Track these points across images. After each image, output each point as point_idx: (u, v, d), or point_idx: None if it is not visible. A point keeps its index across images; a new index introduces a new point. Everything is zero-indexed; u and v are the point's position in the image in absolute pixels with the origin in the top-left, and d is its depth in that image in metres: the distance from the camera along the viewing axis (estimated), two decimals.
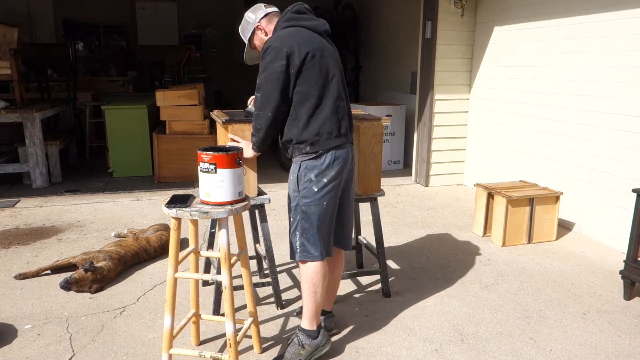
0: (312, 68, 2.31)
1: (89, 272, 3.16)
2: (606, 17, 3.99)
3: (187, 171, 5.79)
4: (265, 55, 2.31)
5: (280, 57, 2.27)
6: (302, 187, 2.34)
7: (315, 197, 2.33)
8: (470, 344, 2.65)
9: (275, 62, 2.27)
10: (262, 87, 2.32)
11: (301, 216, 2.35)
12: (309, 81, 2.31)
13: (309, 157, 2.33)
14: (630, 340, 2.70)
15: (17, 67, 5.55)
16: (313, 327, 2.43)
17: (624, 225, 3.82)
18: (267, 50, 2.30)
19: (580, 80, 4.26)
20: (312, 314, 2.41)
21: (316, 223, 2.34)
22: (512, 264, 3.70)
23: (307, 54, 2.29)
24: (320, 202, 2.33)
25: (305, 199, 2.34)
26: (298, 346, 2.41)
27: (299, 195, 2.35)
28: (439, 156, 5.88)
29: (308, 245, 2.35)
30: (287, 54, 2.27)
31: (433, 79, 5.61)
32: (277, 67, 2.27)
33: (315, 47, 2.33)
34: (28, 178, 5.68)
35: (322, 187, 2.32)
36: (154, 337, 2.67)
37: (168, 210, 2.13)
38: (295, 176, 2.37)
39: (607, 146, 4.04)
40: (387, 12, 7.92)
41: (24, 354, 2.52)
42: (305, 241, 2.35)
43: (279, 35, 2.35)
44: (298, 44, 2.29)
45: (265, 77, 2.30)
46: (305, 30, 2.39)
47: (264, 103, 2.31)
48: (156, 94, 5.82)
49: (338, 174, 2.36)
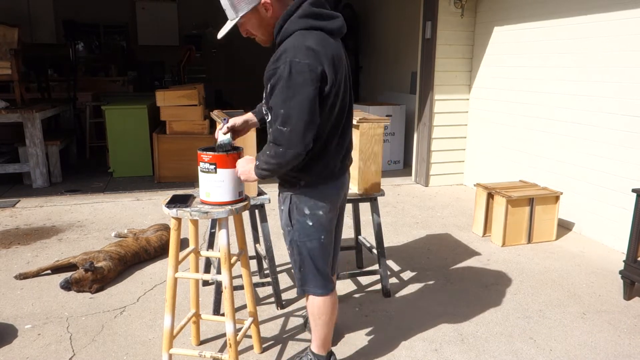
0: (335, 98, 1.93)
1: (89, 272, 3.16)
2: (606, 17, 3.99)
3: (187, 171, 5.78)
4: (293, 73, 1.80)
5: (316, 78, 1.82)
6: (295, 221, 2.09)
7: (310, 232, 2.08)
8: (470, 344, 2.65)
9: (309, 86, 1.81)
10: (293, 118, 1.82)
11: (297, 252, 2.14)
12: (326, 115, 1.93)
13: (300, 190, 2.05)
14: (630, 340, 2.70)
15: (17, 67, 5.55)
16: (323, 353, 2.31)
17: (624, 225, 3.82)
18: (294, 66, 1.80)
19: (580, 80, 4.27)
20: (321, 342, 2.28)
21: (315, 259, 2.12)
22: (512, 264, 3.70)
23: (336, 77, 1.89)
24: (317, 236, 2.09)
25: (300, 234, 2.09)
26: None
27: (292, 230, 2.11)
28: (439, 156, 5.88)
29: (309, 281, 2.17)
30: (322, 73, 1.83)
31: (433, 79, 5.61)
32: (312, 91, 1.82)
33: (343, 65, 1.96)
34: (28, 178, 5.68)
35: (317, 220, 2.07)
36: (154, 337, 2.67)
37: (168, 210, 2.13)
38: (287, 209, 2.10)
39: (607, 146, 4.04)
40: (387, 12, 7.92)
41: (24, 354, 2.52)
42: (305, 277, 2.17)
43: (306, 45, 1.83)
44: (330, 62, 1.85)
45: (299, 105, 1.81)
46: (330, 37, 1.92)
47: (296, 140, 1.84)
48: (156, 94, 5.82)
49: (334, 204, 2.12)
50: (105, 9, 10.22)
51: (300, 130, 1.83)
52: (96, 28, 10.59)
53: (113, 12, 10.34)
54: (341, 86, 1.96)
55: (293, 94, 1.81)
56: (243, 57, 10.07)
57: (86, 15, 10.15)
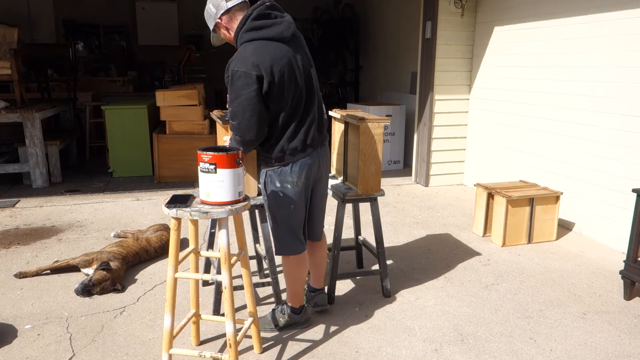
0: (280, 88, 2.30)
1: (109, 272, 3.15)
2: (606, 17, 3.99)
3: (187, 171, 5.79)
4: (234, 80, 2.25)
5: (252, 82, 2.23)
6: (269, 191, 2.50)
7: (281, 202, 2.48)
8: (470, 344, 2.65)
9: (247, 88, 2.24)
10: (239, 114, 2.28)
11: (271, 218, 2.56)
12: (277, 102, 2.33)
13: (273, 167, 2.46)
14: (630, 340, 2.70)
15: (17, 67, 5.55)
16: (295, 306, 2.74)
17: (624, 225, 3.82)
18: (234, 74, 2.24)
19: (580, 80, 4.27)
20: (293, 295, 2.72)
21: (285, 224, 2.53)
22: (512, 264, 3.70)
23: (273, 76, 2.26)
24: (287, 205, 2.49)
25: (273, 202, 2.51)
26: (280, 313, 2.74)
27: (267, 199, 2.52)
28: (439, 156, 5.88)
29: (282, 242, 2.58)
30: (257, 77, 2.24)
31: (433, 79, 5.61)
32: (250, 92, 2.25)
33: (281, 65, 2.28)
34: (28, 178, 5.68)
35: (286, 192, 2.47)
36: (154, 337, 2.67)
37: (168, 210, 2.13)
38: (262, 182, 2.52)
39: (607, 146, 4.04)
40: (387, 12, 7.92)
41: (24, 354, 2.52)
42: (279, 239, 2.58)
43: (242, 56, 2.25)
44: (264, 65, 2.24)
45: (240, 104, 2.26)
46: (269, 43, 2.29)
47: (245, 131, 2.30)
48: (156, 94, 5.82)
49: (303, 179, 2.48)
50: (105, 9, 10.22)
51: (246, 122, 2.29)
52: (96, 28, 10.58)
53: (113, 12, 10.33)
54: (285, 81, 2.30)
55: (236, 96, 2.27)
56: None
57: (86, 15, 10.14)
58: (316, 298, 2.90)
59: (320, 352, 2.56)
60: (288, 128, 2.40)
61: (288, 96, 2.34)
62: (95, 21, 10.43)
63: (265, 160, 2.49)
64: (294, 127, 2.41)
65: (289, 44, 2.35)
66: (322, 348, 2.59)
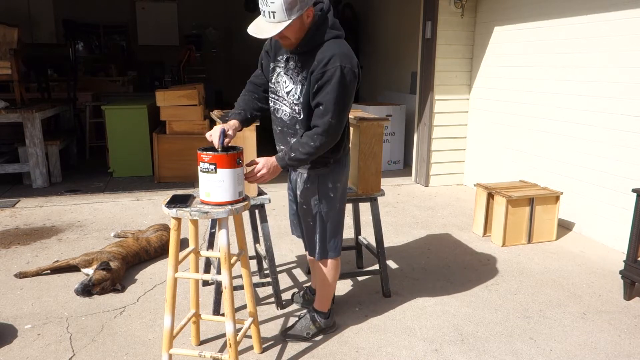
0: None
1: (109, 272, 3.15)
2: (606, 17, 3.99)
3: (187, 171, 5.79)
4: (341, 79, 2.13)
5: (355, 79, 2.20)
6: (322, 195, 2.43)
7: (333, 202, 2.46)
8: (470, 344, 2.65)
9: (352, 85, 2.19)
10: (339, 113, 2.17)
11: (320, 222, 2.47)
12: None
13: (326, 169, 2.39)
14: (630, 340, 2.70)
15: (17, 67, 5.55)
16: (325, 310, 2.68)
17: (624, 225, 3.82)
18: (344, 70, 2.13)
19: (580, 80, 4.27)
20: (326, 299, 2.66)
21: (334, 225, 2.50)
22: (512, 264, 3.70)
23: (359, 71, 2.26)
24: (337, 205, 2.48)
25: (324, 206, 2.44)
26: (310, 321, 2.65)
27: (318, 204, 2.44)
28: (439, 156, 5.88)
29: (330, 244, 2.51)
30: (358, 76, 2.23)
31: (433, 79, 5.61)
32: (352, 90, 2.21)
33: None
34: (28, 178, 5.68)
35: (337, 192, 2.45)
36: (154, 337, 2.67)
37: (168, 210, 2.13)
38: (314, 187, 2.42)
39: (607, 146, 4.04)
40: (387, 12, 7.92)
41: (24, 354, 2.52)
42: (325, 242, 2.50)
43: (345, 53, 2.18)
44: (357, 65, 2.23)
45: (345, 105, 2.19)
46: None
47: (339, 127, 2.21)
48: (156, 94, 5.82)
49: (347, 176, 2.53)
50: (105, 9, 10.23)
51: (342, 124, 2.23)
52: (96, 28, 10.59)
53: (113, 12, 10.34)
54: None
55: (343, 95, 2.15)
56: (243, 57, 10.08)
57: (86, 15, 10.15)
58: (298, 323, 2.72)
59: (320, 352, 2.56)
60: (347, 127, 2.41)
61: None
62: (95, 21, 10.44)
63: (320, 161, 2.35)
64: (347, 128, 2.44)
65: None
66: (322, 348, 2.59)
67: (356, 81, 2.21)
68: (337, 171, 2.42)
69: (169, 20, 10.62)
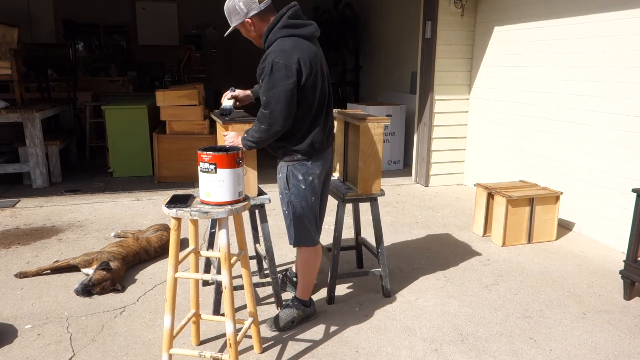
0: (314, 85, 2.45)
1: (109, 272, 3.15)
2: (606, 17, 3.99)
3: (187, 171, 5.79)
4: (273, 71, 2.34)
5: (291, 74, 2.34)
6: (292, 185, 2.59)
7: (303, 194, 2.59)
8: (470, 344, 2.65)
9: (286, 80, 2.34)
10: (272, 104, 2.37)
11: (292, 210, 2.63)
12: (309, 99, 2.46)
13: (296, 161, 2.56)
14: (630, 340, 2.70)
15: (17, 67, 5.55)
16: (306, 298, 2.84)
17: (624, 225, 3.82)
18: (275, 65, 2.33)
19: (580, 80, 4.27)
20: (306, 288, 2.81)
21: (306, 215, 2.64)
22: (512, 263, 3.70)
23: (310, 71, 2.40)
24: (309, 197, 2.61)
25: (294, 196, 2.60)
26: (295, 309, 2.79)
27: (289, 193, 2.61)
28: (439, 156, 5.88)
29: (300, 234, 2.66)
30: (297, 70, 2.36)
31: (433, 79, 5.61)
32: (288, 84, 2.35)
33: (315, 63, 2.43)
34: (28, 178, 5.68)
35: (307, 184, 2.59)
36: (154, 337, 2.67)
37: (168, 210, 2.13)
38: (284, 176, 2.60)
39: (607, 146, 4.04)
40: (387, 12, 7.92)
41: (24, 354, 2.52)
42: (298, 231, 2.66)
43: (283, 49, 2.37)
44: (303, 59, 2.37)
45: (276, 94, 2.35)
46: (304, 41, 2.44)
47: (274, 120, 2.39)
48: (156, 94, 5.82)
49: (323, 173, 2.66)
50: (105, 9, 10.22)
51: (278, 113, 2.38)
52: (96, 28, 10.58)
53: (113, 12, 10.33)
54: (317, 77, 2.46)
55: (273, 86, 2.36)
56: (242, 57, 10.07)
57: (86, 15, 10.14)
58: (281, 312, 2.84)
59: (320, 352, 2.56)
60: (318, 123, 2.53)
61: (318, 92, 2.49)
62: (95, 21, 10.43)
63: (288, 154, 2.56)
64: (323, 122, 2.56)
65: (316, 44, 2.54)
66: (322, 348, 2.59)
67: (294, 76, 2.35)
68: (309, 166, 2.57)
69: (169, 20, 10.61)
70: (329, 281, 3.04)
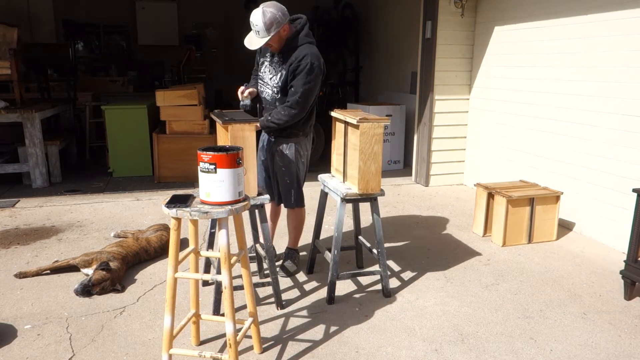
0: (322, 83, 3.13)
1: (109, 272, 3.15)
2: (606, 17, 3.99)
3: (187, 171, 5.78)
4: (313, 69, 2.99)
5: (321, 74, 3.06)
6: (298, 159, 3.23)
7: (303, 165, 3.30)
8: (470, 344, 2.65)
9: (318, 79, 3.04)
10: (306, 95, 3.02)
11: (295, 178, 3.27)
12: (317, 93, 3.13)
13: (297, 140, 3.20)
14: (631, 340, 2.70)
15: (17, 67, 5.55)
16: (296, 247, 3.53)
17: (624, 225, 3.82)
18: (314, 65, 2.99)
19: (580, 80, 4.26)
20: (297, 239, 3.50)
21: (302, 181, 3.35)
22: (512, 263, 3.70)
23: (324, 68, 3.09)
24: (304, 167, 3.31)
25: (299, 166, 3.26)
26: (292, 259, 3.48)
27: (295, 165, 3.23)
28: (439, 156, 5.88)
29: (301, 196, 3.34)
30: (323, 72, 3.09)
31: (433, 79, 5.61)
32: (318, 82, 3.05)
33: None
34: (28, 178, 5.67)
35: (305, 158, 3.30)
36: (154, 337, 2.67)
37: (168, 210, 2.13)
38: (293, 152, 3.21)
39: (607, 146, 4.04)
40: (387, 12, 7.92)
41: (24, 354, 2.51)
42: (297, 194, 3.31)
43: (316, 54, 3.04)
44: (324, 64, 3.10)
45: (311, 88, 3.02)
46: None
47: (303, 108, 3.04)
48: (156, 94, 5.82)
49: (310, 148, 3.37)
50: (105, 9, 10.22)
51: (308, 103, 3.07)
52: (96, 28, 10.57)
53: (113, 12, 10.33)
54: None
55: (309, 81, 3.01)
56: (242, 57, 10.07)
57: (86, 15, 10.14)
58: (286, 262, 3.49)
59: (320, 352, 2.56)
60: (313, 110, 3.24)
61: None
62: (95, 21, 10.42)
63: (294, 134, 3.18)
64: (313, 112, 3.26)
65: None
66: (322, 348, 2.59)
67: (321, 74, 3.06)
68: (306, 142, 3.28)
69: (169, 20, 10.61)
70: (329, 281, 3.04)
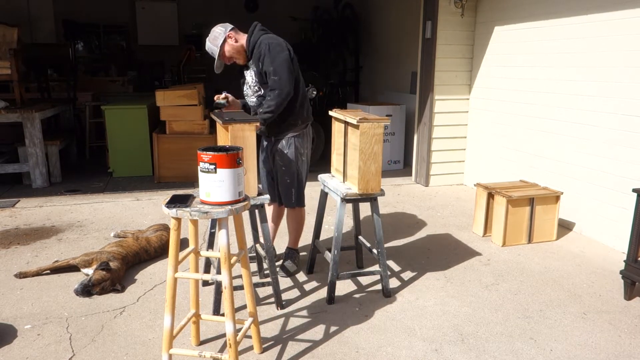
0: (295, 63, 3.06)
1: (109, 272, 3.15)
2: (606, 17, 3.99)
3: (187, 171, 5.78)
4: (271, 48, 2.93)
5: (284, 48, 2.98)
6: (296, 158, 3.18)
7: (303, 164, 3.24)
8: (470, 344, 2.65)
9: (282, 52, 2.95)
10: (279, 70, 2.92)
11: (297, 179, 3.22)
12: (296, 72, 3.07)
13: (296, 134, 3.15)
14: (631, 341, 2.70)
15: (17, 67, 5.55)
16: (297, 247, 3.50)
17: (624, 225, 3.82)
18: (271, 45, 2.94)
19: (580, 80, 4.26)
20: (297, 239, 3.47)
21: (303, 182, 3.29)
22: (512, 263, 3.70)
23: (291, 49, 3.05)
24: (305, 167, 3.26)
25: (298, 166, 3.20)
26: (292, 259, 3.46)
27: (295, 164, 3.19)
28: (439, 156, 5.87)
29: (302, 195, 3.30)
30: (287, 47, 3.00)
31: (433, 79, 5.61)
32: (285, 54, 2.96)
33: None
34: (28, 178, 5.67)
35: (306, 156, 3.25)
36: (154, 337, 2.67)
37: (168, 210, 2.13)
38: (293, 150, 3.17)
39: (607, 146, 4.04)
40: (387, 12, 7.92)
41: (24, 354, 2.51)
42: (298, 194, 3.26)
43: (269, 36, 3.02)
44: (285, 42, 3.04)
45: (280, 63, 2.92)
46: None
47: (284, 83, 2.93)
48: (156, 94, 5.82)
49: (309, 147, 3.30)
50: (105, 9, 10.21)
51: (286, 77, 2.95)
52: (96, 28, 10.57)
53: (113, 12, 10.33)
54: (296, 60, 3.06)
55: (274, 58, 2.94)
56: None
57: (86, 15, 10.14)
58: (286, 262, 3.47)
59: (320, 352, 2.56)
60: (305, 97, 3.19)
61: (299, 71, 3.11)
62: (95, 21, 10.42)
63: (292, 125, 3.13)
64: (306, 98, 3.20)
65: None
66: (322, 348, 2.59)
67: (286, 50, 2.99)
68: (305, 141, 3.23)
69: (169, 20, 10.61)
70: (329, 281, 3.04)
